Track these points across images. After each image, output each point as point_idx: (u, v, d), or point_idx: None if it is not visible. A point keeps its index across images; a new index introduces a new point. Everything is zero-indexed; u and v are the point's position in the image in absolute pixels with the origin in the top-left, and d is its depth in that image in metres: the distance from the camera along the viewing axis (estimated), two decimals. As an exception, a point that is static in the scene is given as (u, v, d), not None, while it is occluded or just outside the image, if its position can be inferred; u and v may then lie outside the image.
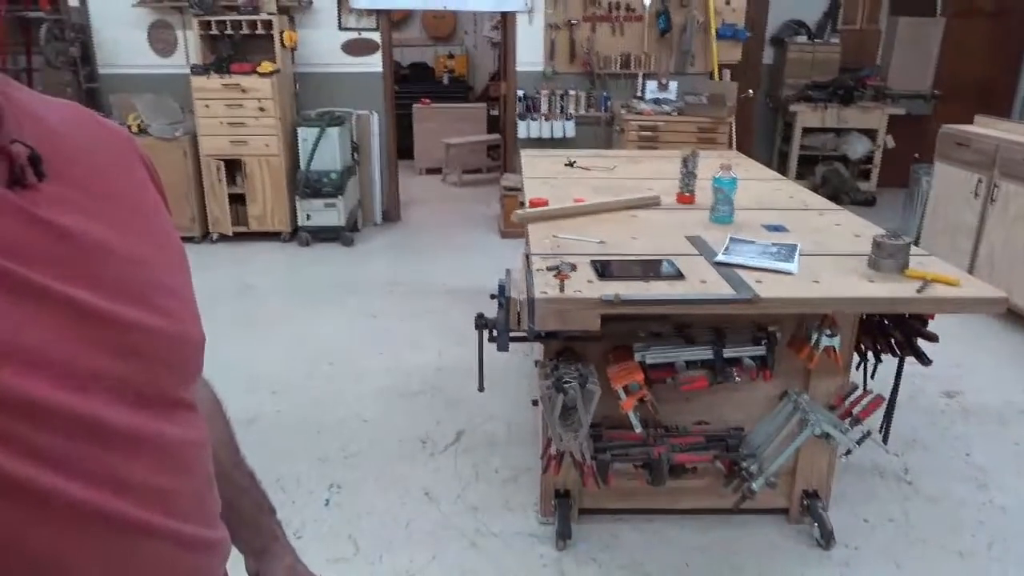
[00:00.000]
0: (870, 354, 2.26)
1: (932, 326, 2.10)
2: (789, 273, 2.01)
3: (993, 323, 3.96)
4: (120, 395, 0.48)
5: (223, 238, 5.38)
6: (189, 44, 5.41)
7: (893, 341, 2.16)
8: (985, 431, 2.99)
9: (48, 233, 0.46)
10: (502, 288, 2.09)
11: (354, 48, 5.64)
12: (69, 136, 0.53)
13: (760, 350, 2.07)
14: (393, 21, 6.40)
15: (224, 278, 4.65)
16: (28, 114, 0.49)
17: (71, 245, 0.47)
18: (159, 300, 0.54)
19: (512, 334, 2.11)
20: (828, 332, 2.05)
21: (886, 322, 2.19)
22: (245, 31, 5.11)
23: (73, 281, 0.46)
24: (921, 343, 2.11)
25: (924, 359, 2.11)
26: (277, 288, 4.61)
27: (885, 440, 2.32)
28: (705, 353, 2.05)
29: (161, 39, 5.50)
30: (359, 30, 5.60)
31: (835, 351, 2.08)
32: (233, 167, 5.26)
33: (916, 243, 3.16)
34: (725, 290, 1.90)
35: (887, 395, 2.24)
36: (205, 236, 5.40)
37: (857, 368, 2.29)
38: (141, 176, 0.61)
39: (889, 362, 2.23)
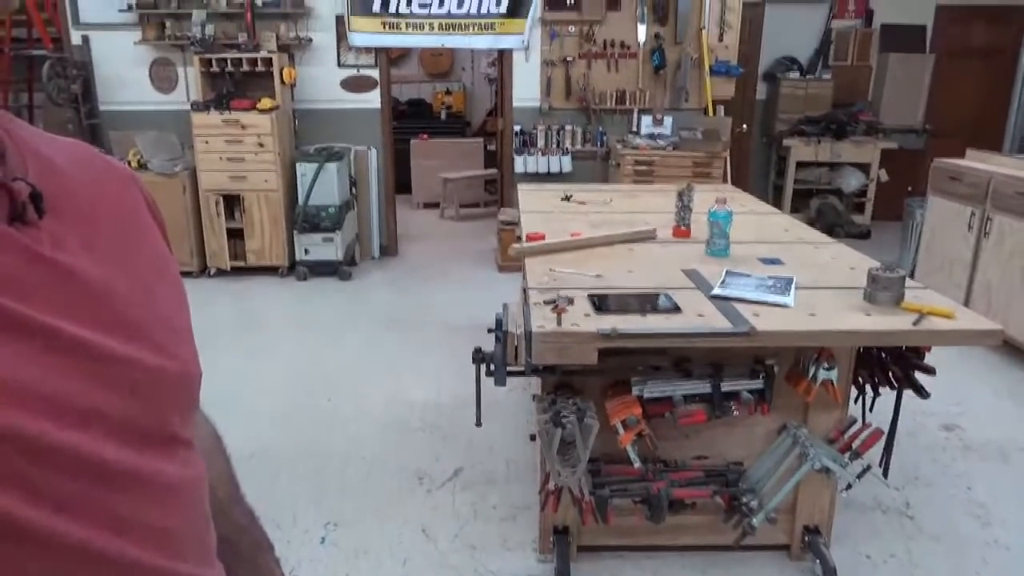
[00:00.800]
0: (868, 387, 2.25)
1: (929, 359, 2.10)
2: (785, 306, 2.01)
3: (992, 358, 3.95)
4: (121, 433, 0.48)
5: (221, 273, 5.38)
6: (190, 81, 5.48)
7: (891, 374, 2.16)
8: (986, 467, 2.96)
9: (50, 270, 0.46)
10: (499, 322, 2.09)
11: (353, 85, 5.72)
12: (73, 174, 0.54)
13: (758, 384, 2.06)
14: (391, 58, 6.49)
15: (222, 312, 4.64)
16: (32, 151, 0.50)
17: (72, 282, 0.48)
18: (160, 337, 0.54)
19: (510, 368, 2.10)
20: (825, 365, 2.05)
21: (883, 355, 2.19)
22: (245, 68, 5.18)
23: (74, 318, 0.46)
24: (919, 376, 2.11)
25: (922, 392, 2.10)
26: (275, 322, 4.60)
27: (885, 474, 2.31)
28: (703, 387, 2.05)
29: (162, 76, 5.58)
30: (358, 67, 5.68)
31: (833, 384, 2.07)
32: (232, 202, 5.30)
33: (911, 276, 3.18)
34: (722, 323, 1.90)
35: (886, 429, 2.23)
36: (203, 271, 5.41)
37: (855, 402, 2.28)
38: (143, 214, 0.61)
39: (888, 396, 2.22)
